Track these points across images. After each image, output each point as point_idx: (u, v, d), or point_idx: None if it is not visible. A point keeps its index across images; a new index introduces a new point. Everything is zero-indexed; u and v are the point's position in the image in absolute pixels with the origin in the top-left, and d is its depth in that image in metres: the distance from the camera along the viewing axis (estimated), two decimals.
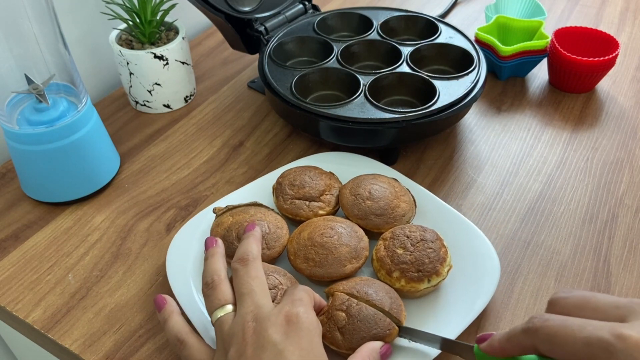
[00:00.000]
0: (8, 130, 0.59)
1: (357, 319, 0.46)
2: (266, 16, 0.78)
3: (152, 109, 0.78)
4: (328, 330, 0.47)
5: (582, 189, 0.66)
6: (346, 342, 0.46)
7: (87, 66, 0.81)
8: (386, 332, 0.46)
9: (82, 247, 0.60)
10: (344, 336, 0.46)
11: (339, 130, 0.65)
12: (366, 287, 0.49)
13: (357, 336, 0.46)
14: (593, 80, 0.79)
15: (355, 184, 0.59)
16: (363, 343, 0.46)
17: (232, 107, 0.80)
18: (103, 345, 0.51)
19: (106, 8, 0.73)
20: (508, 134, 0.74)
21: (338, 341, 0.46)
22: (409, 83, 0.71)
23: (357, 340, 0.46)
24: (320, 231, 0.53)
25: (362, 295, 0.48)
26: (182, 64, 0.76)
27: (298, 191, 0.59)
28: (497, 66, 0.81)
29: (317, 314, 0.48)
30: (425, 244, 0.52)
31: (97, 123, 0.64)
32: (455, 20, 0.98)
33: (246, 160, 0.71)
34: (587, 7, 1.02)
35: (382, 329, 0.46)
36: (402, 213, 0.57)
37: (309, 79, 0.71)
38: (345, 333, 0.46)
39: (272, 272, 0.50)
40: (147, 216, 0.64)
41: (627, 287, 0.55)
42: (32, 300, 0.55)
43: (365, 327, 0.46)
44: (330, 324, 0.47)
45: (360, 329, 0.46)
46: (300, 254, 0.53)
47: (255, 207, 0.58)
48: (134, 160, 0.71)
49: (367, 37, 0.78)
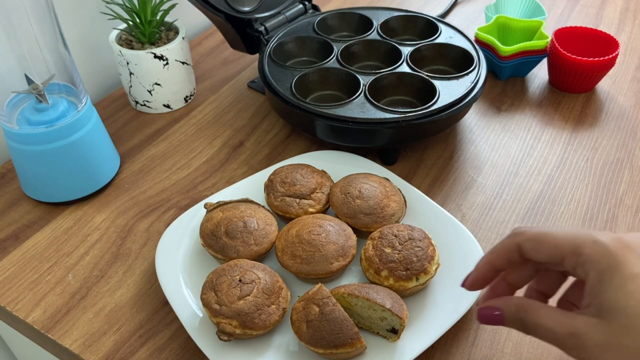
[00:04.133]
0: (8, 130, 0.59)
1: (326, 319, 0.46)
2: (266, 16, 0.78)
3: (152, 109, 0.78)
4: (297, 320, 0.48)
5: (582, 189, 0.66)
6: (308, 337, 0.47)
7: (87, 66, 0.81)
8: (347, 341, 0.46)
9: (82, 247, 0.60)
10: (308, 330, 0.47)
11: (338, 130, 0.65)
12: (369, 289, 0.49)
13: (319, 335, 0.46)
14: (593, 80, 0.79)
15: (346, 182, 0.60)
16: (322, 343, 0.46)
17: (232, 107, 0.80)
18: (103, 345, 0.51)
19: (106, 8, 0.73)
20: (508, 134, 0.74)
21: (302, 332, 0.47)
22: (408, 83, 0.71)
23: (318, 339, 0.46)
24: (308, 229, 0.54)
25: (363, 295, 0.48)
26: (182, 64, 0.76)
27: (289, 189, 0.59)
28: (497, 66, 0.81)
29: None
30: (413, 243, 0.52)
31: (97, 123, 0.64)
32: (455, 20, 0.98)
33: (246, 160, 0.71)
34: (587, 7, 1.02)
35: (344, 337, 0.46)
36: (391, 212, 0.57)
37: (308, 79, 0.71)
38: (310, 327, 0.47)
39: (251, 267, 0.51)
40: (147, 216, 0.64)
41: None
42: (32, 300, 0.55)
43: (329, 328, 0.46)
44: (302, 314, 0.48)
45: (325, 329, 0.46)
46: (288, 250, 0.53)
47: (245, 204, 0.58)
48: (134, 160, 0.71)
49: (367, 37, 0.78)
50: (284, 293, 0.51)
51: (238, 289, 0.49)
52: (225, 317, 0.48)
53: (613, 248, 0.36)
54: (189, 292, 0.53)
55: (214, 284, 0.50)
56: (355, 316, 0.50)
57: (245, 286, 0.49)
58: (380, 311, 0.48)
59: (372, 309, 0.49)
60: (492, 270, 0.43)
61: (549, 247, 0.39)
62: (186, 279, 0.54)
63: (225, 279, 0.50)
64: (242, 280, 0.50)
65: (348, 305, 0.50)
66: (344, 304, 0.49)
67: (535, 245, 0.39)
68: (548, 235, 0.39)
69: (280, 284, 0.51)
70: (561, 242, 0.38)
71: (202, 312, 0.51)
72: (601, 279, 0.36)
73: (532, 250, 0.40)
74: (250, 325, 0.48)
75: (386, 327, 0.49)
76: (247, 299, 0.48)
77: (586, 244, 0.37)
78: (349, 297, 0.49)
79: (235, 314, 0.48)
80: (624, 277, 0.35)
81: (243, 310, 0.48)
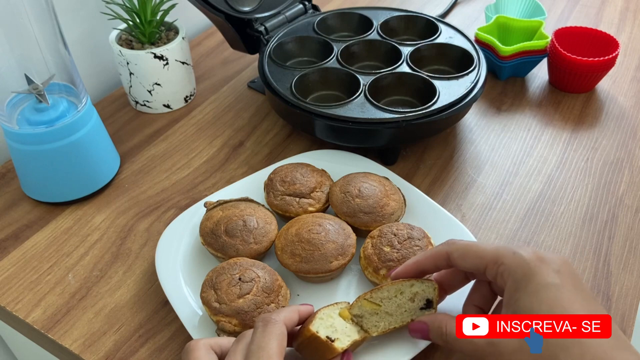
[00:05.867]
0: (8, 130, 0.59)
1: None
2: (266, 16, 0.78)
3: (152, 109, 0.78)
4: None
5: (582, 189, 0.66)
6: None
7: (87, 66, 0.81)
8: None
9: (82, 247, 0.60)
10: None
11: (338, 130, 0.65)
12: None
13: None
14: (593, 80, 0.79)
15: (346, 181, 0.60)
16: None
17: (232, 107, 0.80)
18: (103, 345, 0.51)
19: (106, 8, 0.73)
20: (508, 134, 0.74)
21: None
22: (409, 83, 0.71)
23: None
24: (308, 227, 0.54)
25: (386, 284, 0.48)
26: (182, 64, 0.76)
27: (289, 188, 0.59)
28: (497, 66, 0.81)
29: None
30: (412, 242, 0.52)
31: (97, 123, 0.64)
32: (455, 20, 0.98)
33: (246, 160, 0.71)
34: (587, 7, 1.02)
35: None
36: (390, 211, 0.57)
37: (308, 79, 0.71)
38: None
39: (250, 266, 0.51)
40: (147, 216, 0.64)
41: (627, 287, 0.55)
42: (32, 300, 0.55)
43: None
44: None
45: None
46: (287, 249, 0.53)
47: (245, 203, 0.58)
48: (134, 160, 0.71)
49: (367, 37, 0.78)
50: (283, 292, 0.51)
51: (238, 288, 0.49)
52: (225, 315, 0.48)
53: (530, 260, 0.40)
54: (189, 290, 0.53)
55: (214, 282, 0.50)
56: (384, 318, 0.47)
57: (245, 284, 0.49)
58: (408, 289, 0.47)
59: (400, 292, 0.47)
60: (417, 270, 0.47)
61: (474, 257, 0.43)
62: (186, 277, 0.54)
63: (225, 278, 0.50)
64: (242, 278, 0.50)
65: (374, 307, 0.47)
66: (369, 308, 0.47)
67: (462, 254, 0.44)
68: (474, 246, 0.44)
69: (279, 283, 0.51)
70: (485, 253, 0.43)
71: (201, 310, 0.51)
72: (517, 286, 0.40)
73: (460, 258, 0.44)
74: (250, 323, 0.47)
75: (420, 305, 0.47)
76: (246, 297, 0.48)
77: (506, 255, 0.41)
78: (373, 295, 0.47)
79: (234, 312, 0.48)
80: (538, 285, 0.39)
81: (243, 309, 0.48)
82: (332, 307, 0.47)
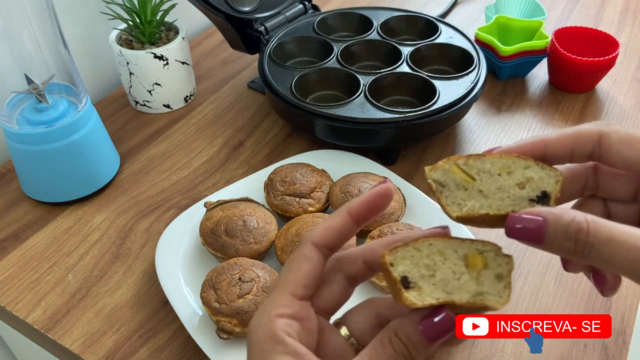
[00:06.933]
0: (8, 130, 0.59)
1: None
2: (266, 16, 0.78)
3: (152, 109, 0.78)
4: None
5: None
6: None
7: (87, 66, 0.81)
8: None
9: (82, 247, 0.60)
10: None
11: (338, 130, 0.65)
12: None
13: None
14: (593, 80, 0.79)
15: (346, 181, 0.60)
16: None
17: (232, 107, 0.80)
18: (103, 345, 0.51)
19: (106, 8, 0.73)
20: (508, 134, 0.74)
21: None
22: (409, 83, 0.71)
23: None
24: (308, 227, 0.54)
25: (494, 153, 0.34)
26: (182, 64, 0.76)
27: (289, 188, 0.59)
28: (497, 66, 0.81)
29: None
30: None
31: (97, 123, 0.64)
32: (455, 20, 0.98)
33: (246, 160, 0.71)
34: (587, 7, 1.02)
35: None
36: (391, 211, 0.57)
37: (308, 79, 0.71)
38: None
39: (250, 266, 0.51)
40: (147, 216, 0.64)
41: (627, 287, 0.55)
42: (32, 300, 0.55)
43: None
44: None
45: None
46: (288, 249, 0.54)
47: (245, 203, 0.58)
48: (134, 160, 0.71)
49: (367, 37, 0.78)
50: None
51: (238, 288, 0.49)
52: (225, 315, 0.48)
53: None
54: (189, 290, 0.53)
55: (214, 282, 0.50)
56: (474, 198, 0.33)
57: (245, 284, 0.49)
58: (521, 170, 0.33)
59: (508, 170, 0.33)
60: (541, 150, 0.33)
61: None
62: (186, 277, 0.54)
63: (225, 278, 0.50)
64: (242, 278, 0.50)
65: (465, 179, 0.33)
66: (459, 177, 0.33)
67: (625, 138, 0.30)
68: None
69: None
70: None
71: (201, 310, 0.51)
72: None
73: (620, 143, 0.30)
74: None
75: (530, 196, 0.33)
76: (246, 297, 0.48)
77: None
78: (469, 162, 0.33)
79: (234, 312, 0.48)
80: None
81: (242, 309, 0.48)
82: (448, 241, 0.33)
